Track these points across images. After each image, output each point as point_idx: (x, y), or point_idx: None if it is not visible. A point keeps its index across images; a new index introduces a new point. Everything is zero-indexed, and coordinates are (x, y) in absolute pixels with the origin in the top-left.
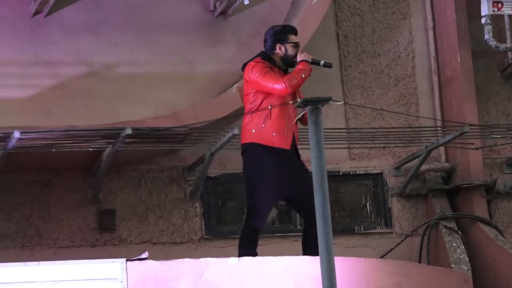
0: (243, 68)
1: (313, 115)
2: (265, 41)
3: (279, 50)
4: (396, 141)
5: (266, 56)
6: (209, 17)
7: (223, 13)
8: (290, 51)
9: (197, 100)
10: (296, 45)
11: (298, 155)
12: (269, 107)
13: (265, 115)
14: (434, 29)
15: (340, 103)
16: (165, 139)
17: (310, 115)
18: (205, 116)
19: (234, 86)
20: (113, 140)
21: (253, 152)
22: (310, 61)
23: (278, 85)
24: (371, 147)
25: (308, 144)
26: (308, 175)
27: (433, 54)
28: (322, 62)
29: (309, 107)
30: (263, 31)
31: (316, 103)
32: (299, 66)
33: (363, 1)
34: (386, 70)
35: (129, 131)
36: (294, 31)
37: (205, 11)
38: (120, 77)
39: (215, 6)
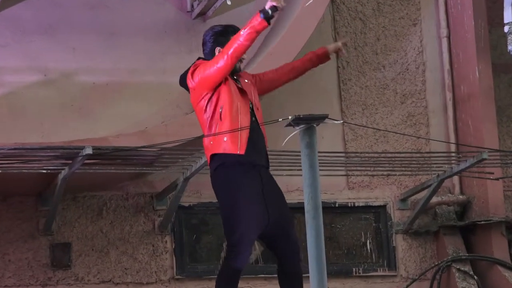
0: (181, 80)
1: (307, 135)
2: (203, 44)
3: (218, 52)
4: (402, 169)
5: (206, 60)
6: (185, 19)
7: (202, 14)
8: None
9: (169, 116)
10: None
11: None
12: (220, 109)
13: (216, 119)
14: (448, 37)
15: (337, 122)
16: (131, 160)
17: (303, 136)
18: (178, 134)
19: None
20: (70, 161)
21: (222, 171)
22: (266, 8)
23: (217, 64)
24: (373, 175)
25: (300, 169)
26: (283, 196)
27: (447, 67)
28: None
29: (301, 127)
30: None
31: (310, 122)
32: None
33: (366, 4)
34: (392, 85)
35: (89, 151)
36: (236, 31)
37: (181, 11)
38: (79, 87)
39: (192, 6)
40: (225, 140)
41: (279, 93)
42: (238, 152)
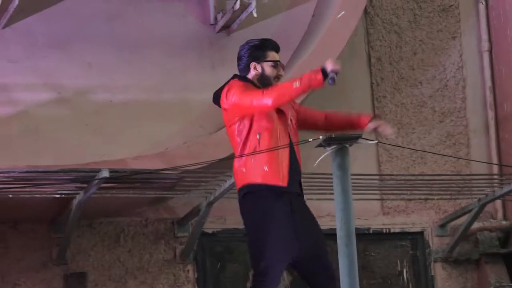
0: (215, 98)
1: (339, 157)
2: (239, 59)
3: (254, 70)
4: (441, 192)
5: (242, 78)
6: (208, 33)
7: (226, 27)
8: (268, 71)
9: (191, 136)
10: (276, 64)
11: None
12: (257, 136)
13: (253, 146)
14: (490, 52)
15: (372, 142)
16: (151, 184)
17: (335, 157)
18: (201, 156)
19: None
20: (85, 185)
21: (252, 197)
22: (327, 69)
23: (256, 100)
24: (410, 199)
25: (331, 193)
26: (318, 225)
27: (488, 83)
28: (330, 75)
29: (333, 147)
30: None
31: (342, 142)
32: (305, 74)
33: (402, 16)
34: (430, 103)
35: (105, 174)
36: (275, 47)
37: (204, 24)
38: (95, 105)
39: (216, 18)
40: (265, 169)
41: None
42: (281, 184)
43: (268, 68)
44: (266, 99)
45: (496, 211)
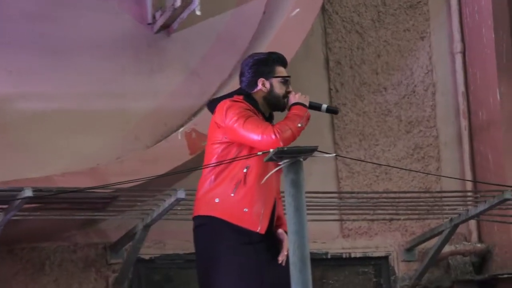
0: (212, 106)
1: (292, 172)
2: (241, 74)
3: (263, 86)
4: (408, 212)
5: (247, 96)
6: (145, 33)
7: (166, 27)
8: (278, 88)
9: (126, 150)
10: (286, 81)
11: (276, 239)
12: (245, 169)
13: (236, 179)
14: (463, 53)
15: (329, 155)
16: (80, 204)
17: (287, 173)
18: (137, 172)
19: (180, 130)
20: (5, 206)
21: (213, 228)
22: (307, 104)
23: (266, 137)
24: (373, 220)
25: (285, 213)
26: (279, 251)
27: (461, 89)
28: (324, 106)
29: (285, 161)
30: (222, 52)
31: (295, 156)
32: (293, 111)
33: (364, 13)
34: (396, 111)
35: (28, 193)
36: (283, 62)
37: (140, 24)
38: (16, 116)
39: (154, 17)
40: (245, 211)
41: None
42: (258, 230)
43: (277, 85)
44: (277, 138)
45: (470, 233)
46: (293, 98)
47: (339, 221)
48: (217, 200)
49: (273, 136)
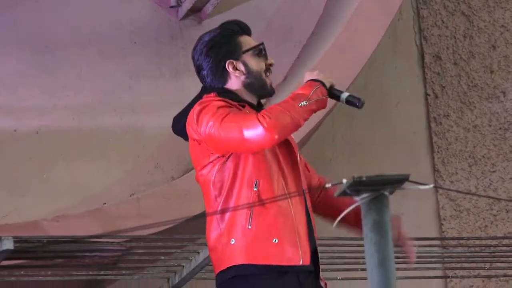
0: (178, 124)
1: (374, 211)
2: (198, 70)
3: (235, 70)
4: None
5: (221, 90)
6: (167, 20)
7: (195, 11)
8: (255, 65)
9: (143, 184)
10: (260, 51)
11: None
12: (255, 187)
13: (247, 201)
14: None
15: (427, 187)
16: (81, 259)
17: (367, 213)
18: (159, 214)
19: None
20: None
21: (240, 281)
22: (326, 84)
23: (251, 131)
24: (489, 276)
25: (364, 268)
26: None
27: None
28: (344, 95)
29: (364, 196)
30: (273, 46)
31: (378, 188)
32: (298, 90)
33: None
34: None
35: (8, 245)
36: (244, 29)
37: (160, 8)
38: None
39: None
40: (275, 242)
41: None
42: (301, 263)
43: (252, 61)
44: (266, 127)
45: None
46: (309, 75)
47: (442, 278)
48: (232, 242)
49: (260, 128)
